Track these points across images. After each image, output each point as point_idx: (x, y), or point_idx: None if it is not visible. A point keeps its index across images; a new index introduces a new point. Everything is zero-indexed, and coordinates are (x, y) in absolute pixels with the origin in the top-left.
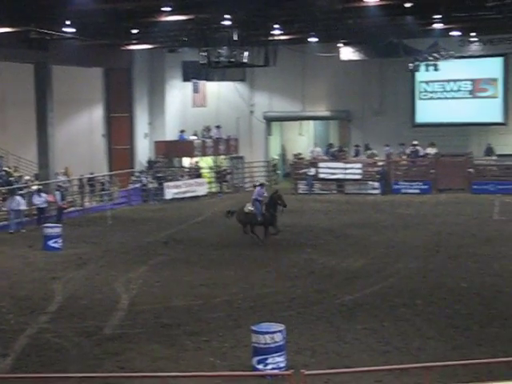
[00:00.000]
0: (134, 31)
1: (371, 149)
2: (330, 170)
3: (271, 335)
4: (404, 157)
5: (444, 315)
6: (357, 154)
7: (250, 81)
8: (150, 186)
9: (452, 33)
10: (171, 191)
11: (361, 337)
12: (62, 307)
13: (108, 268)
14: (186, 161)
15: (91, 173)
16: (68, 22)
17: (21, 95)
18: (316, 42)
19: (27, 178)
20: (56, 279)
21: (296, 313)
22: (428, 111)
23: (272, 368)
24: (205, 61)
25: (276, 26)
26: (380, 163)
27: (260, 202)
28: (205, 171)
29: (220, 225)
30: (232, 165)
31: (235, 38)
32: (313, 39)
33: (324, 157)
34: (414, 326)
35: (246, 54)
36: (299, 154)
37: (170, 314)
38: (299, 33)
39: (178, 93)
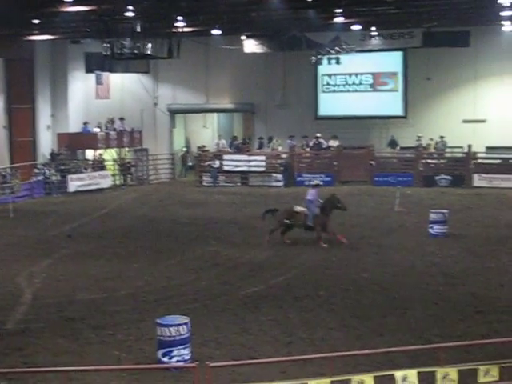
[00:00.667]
0: (36, 21)
1: (276, 140)
2: (234, 163)
3: (176, 328)
4: (307, 149)
5: (346, 306)
6: (260, 147)
7: (154, 73)
8: (53, 179)
9: (353, 27)
10: (75, 184)
11: (265, 328)
12: None
13: (10, 262)
14: (90, 153)
15: None
16: None
17: None
18: (220, 35)
19: None
20: None
21: (201, 305)
22: (330, 104)
23: (177, 360)
24: (108, 52)
25: (180, 18)
26: (283, 155)
27: (314, 204)
28: (109, 164)
29: (124, 217)
30: (136, 157)
31: (138, 30)
32: (216, 32)
33: (228, 149)
34: (318, 317)
35: (150, 46)
36: (203, 147)
37: (74, 308)
38: (203, 25)
39: (81, 84)
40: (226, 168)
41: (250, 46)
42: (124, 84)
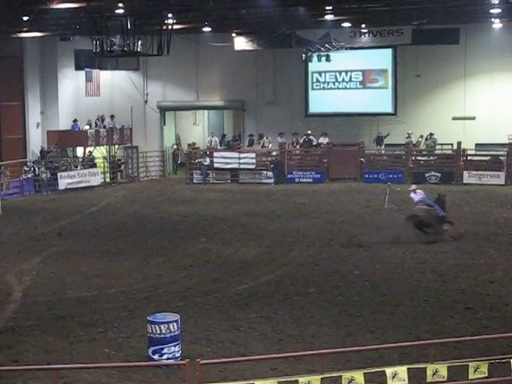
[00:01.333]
0: (25, 18)
1: (267, 137)
2: (225, 160)
3: (166, 325)
4: (297, 146)
5: (337, 303)
6: (251, 144)
7: (144, 70)
8: (43, 176)
9: (343, 24)
10: (65, 181)
11: (256, 325)
12: None
13: (0, 260)
14: (80, 151)
15: None
16: None
17: None
18: (210, 32)
19: None
20: None
21: (191, 302)
22: (321, 101)
23: (168, 358)
24: (97, 49)
25: (170, 15)
26: (274, 153)
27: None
28: (99, 161)
29: (114, 215)
30: (126, 155)
31: (128, 27)
32: (206, 29)
33: (218, 146)
34: (308, 314)
35: (140, 43)
36: (194, 144)
37: (65, 306)
38: (193, 22)
39: (71, 82)
40: (217, 165)
41: (240, 43)
42: (114, 81)
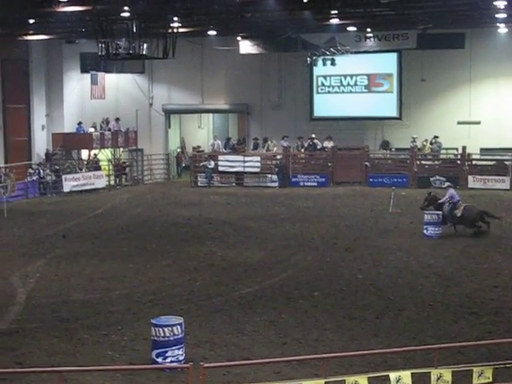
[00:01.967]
0: (31, 21)
1: (271, 141)
2: (229, 163)
3: (170, 328)
4: (302, 150)
5: (341, 306)
6: (255, 147)
7: (149, 73)
8: (48, 179)
9: (348, 28)
10: (69, 184)
11: (259, 329)
12: None
13: (4, 262)
14: (85, 153)
15: None
16: None
17: None
18: (215, 35)
19: None
20: None
21: (195, 306)
22: (325, 105)
23: (171, 361)
24: (103, 52)
25: (175, 19)
26: (278, 156)
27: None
28: (103, 164)
29: (119, 218)
30: (131, 157)
31: (134, 30)
32: (212, 32)
33: (223, 150)
34: (312, 318)
35: (145, 46)
36: (198, 147)
37: (69, 308)
38: (198, 26)
39: (77, 84)
40: (221, 168)
41: (246, 47)
42: (119, 84)
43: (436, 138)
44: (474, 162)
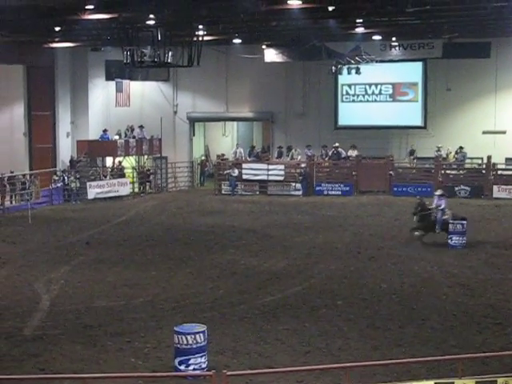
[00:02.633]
0: (57, 29)
1: (295, 149)
2: (253, 171)
3: (193, 336)
4: (326, 159)
5: (364, 316)
6: (280, 156)
7: (174, 81)
8: (73, 186)
9: (374, 37)
10: (94, 191)
11: (282, 337)
12: None
13: (28, 268)
14: (109, 160)
15: (12, 171)
16: None
17: None
18: (240, 44)
19: None
20: None
21: (218, 313)
22: (350, 114)
23: (194, 369)
24: (128, 60)
25: (200, 27)
26: (302, 165)
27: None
28: (128, 171)
29: (143, 225)
30: (155, 165)
31: (159, 38)
32: (237, 40)
33: (246, 158)
34: (335, 327)
35: (170, 54)
36: (223, 155)
37: (92, 315)
38: (223, 34)
39: (101, 92)
40: (245, 177)
41: (271, 55)
42: (144, 92)
43: (461, 149)
44: (499, 172)
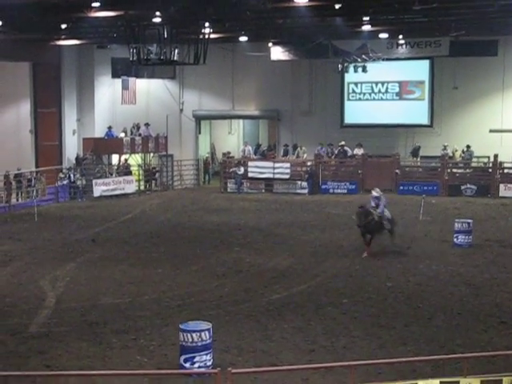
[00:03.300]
0: (63, 26)
1: (300, 147)
2: (259, 169)
3: (198, 334)
4: (332, 157)
5: (370, 314)
6: (286, 154)
7: (180, 78)
8: (78, 183)
9: (380, 35)
10: (99, 188)
11: (288, 335)
12: None
13: (34, 265)
14: (115, 158)
15: (18, 169)
16: None
17: None
18: (246, 41)
19: None
20: None
21: (223, 311)
22: (356, 112)
23: (199, 366)
24: (134, 58)
25: (206, 25)
26: (308, 163)
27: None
28: (134, 169)
29: (148, 223)
30: (161, 163)
31: (165, 36)
32: (243, 38)
33: (253, 156)
34: (341, 325)
35: (176, 52)
36: (228, 153)
37: (98, 312)
38: (230, 31)
39: (108, 89)
40: (251, 175)
41: (277, 53)
42: (150, 89)
43: (468, 148)
44: (506, 171)
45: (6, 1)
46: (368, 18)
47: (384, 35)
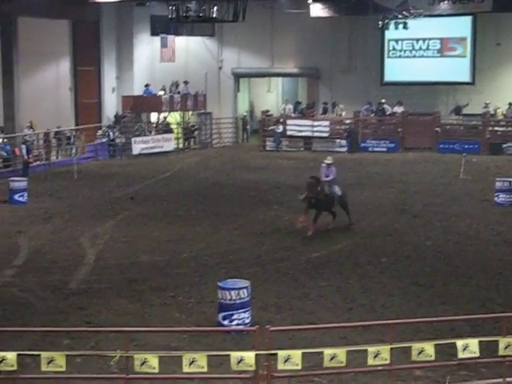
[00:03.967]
0: None
1: (338, 105)
2: (298, 128)
3: (237, 291)
4: (371, 115)
5: (408, 273)
6: (325, 112)
7: (219, 36)
8: (117, 141)
9: None
10: (138, 146)
11: (326, 294)
12: (28, 261)
13: (74, 223)
14: (154, 116)
15: (58, 126)
16: None
17: None
18: None
19: None
20: (22, 233)
21: (262, 269)
22: (396, 69)
23: (237, 324)
24: (173, 15)
25: None
26: (347, 121)
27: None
28: (173, 127)
29: (187, 181)
30: (200, 121)
31: None
32: None
33: (292, 114)
34: (379, 284)
35: (215, 9)
36: (267, 111)
37: (137, 270)
38: None
39: (146, 47)
40: (290, 133)
41: (317, 10)
42: (189, 47)
43: (510, 106)
44: None
45: None
46: None
47: None
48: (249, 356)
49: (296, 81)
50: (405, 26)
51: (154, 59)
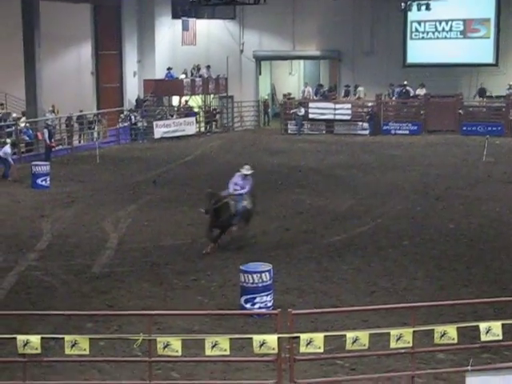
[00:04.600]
0: None
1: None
2: (320, 111)
3: (259, 275)
4: (393, 98)
5: (431, 256)
6: (347, 95)
7: (240, 19)
8: (139, 125)
9: None
10: (160, 130)
11: (348, 277)
12: (51, 245)
13: (97, 207)
14: (176, 100)
15: (80, 111)
16: None
17: (8, 30)
18: None
19: (15, 116)
20: (45, 217)
21: (284, 253)
22: (419, 51)
23: (259, 307)
24: None
25: None
26: (369, 104)
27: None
28: (195, 110)
29: (209, 164)
30: (221, 104)
31: None
32: None
33: (314, 97)
34: (401, 267)
35: None
36: (289, 94)
37: (159, 253)
38: None
39: (168, 30)
40: (312, 116)
41: None
42: (210, 30)
43: None
44: None
45: None
46: None
47: None
48: (271, 339)
49: (318, 63)
50: (427, 8)
51: (176, 43)
